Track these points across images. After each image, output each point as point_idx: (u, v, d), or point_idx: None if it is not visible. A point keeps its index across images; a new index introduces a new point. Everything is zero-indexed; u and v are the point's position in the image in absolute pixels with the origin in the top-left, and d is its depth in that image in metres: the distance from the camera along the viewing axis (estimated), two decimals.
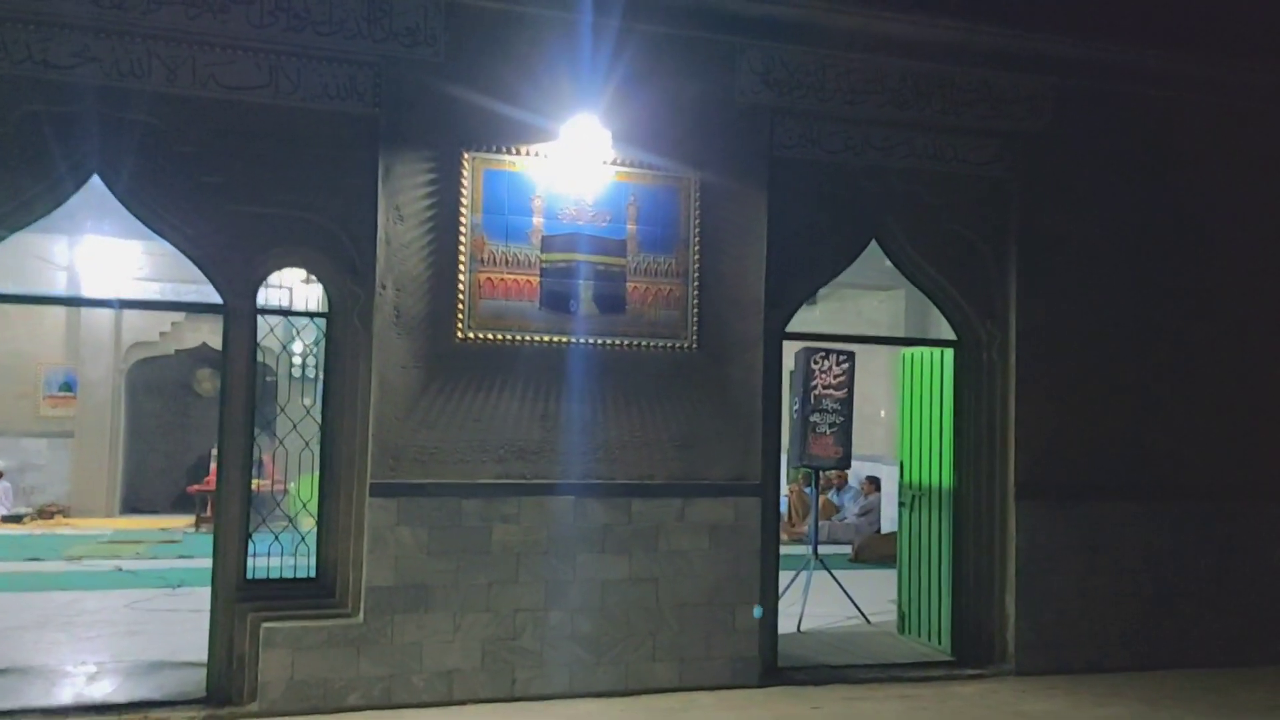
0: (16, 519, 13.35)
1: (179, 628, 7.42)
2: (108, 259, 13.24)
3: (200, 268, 5.84)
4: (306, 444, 6.16)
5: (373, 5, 5.86)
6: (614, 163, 6.32)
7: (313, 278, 6.29)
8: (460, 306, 6.01)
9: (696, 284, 6.48)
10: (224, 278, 5.84)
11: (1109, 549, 7.21)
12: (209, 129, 5.72)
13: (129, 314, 14.36)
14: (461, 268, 6.02)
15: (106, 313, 14.17)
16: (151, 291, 12.98)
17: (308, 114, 5.87)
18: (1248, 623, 7.49)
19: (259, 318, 5.98)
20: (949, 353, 7.39)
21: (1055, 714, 6.19)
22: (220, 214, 5.76)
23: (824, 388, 8.45)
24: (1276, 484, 7.62)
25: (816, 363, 8.43)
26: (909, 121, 6.95)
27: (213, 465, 10.70)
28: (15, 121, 5.45)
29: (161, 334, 14.83)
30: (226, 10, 5.64)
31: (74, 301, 13.87)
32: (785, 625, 7.19)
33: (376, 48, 5.89)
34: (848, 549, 11.73)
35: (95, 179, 5.61)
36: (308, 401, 6.61)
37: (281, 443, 6.24)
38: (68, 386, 14.57)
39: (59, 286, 13.42)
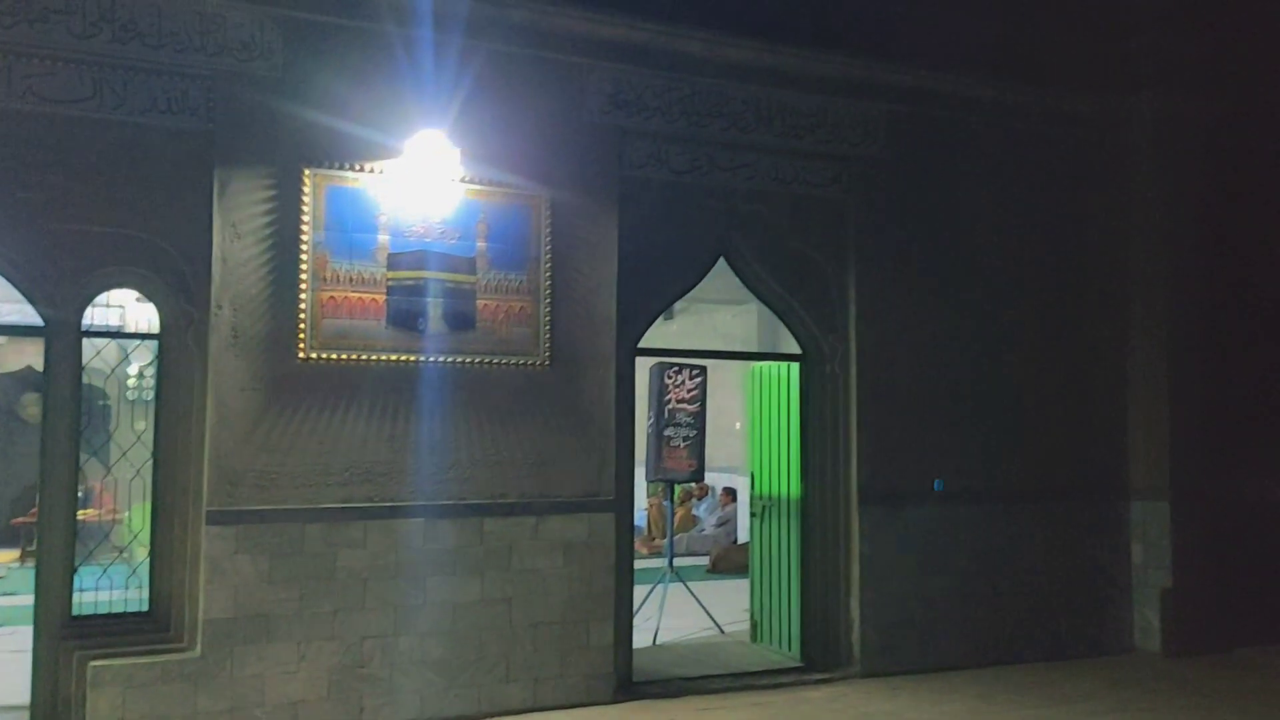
0: None
1: (0, 669, 6.94)
2: None
3: (18, 288, 5.54)
4: (138, 471, 5.88)
5: (205, 18, 5.69)
6: (463, 180, 6.29)
7: (144, 297, 6.02)
8: (302, 326, 5.86)
9: (548, 301, 6.51)
10: (44, 298, 5.54)
11: (945, 551, 7.58)
12: (28, 143, 5.43)
13: None
14: (303, 286, 5.88)
15: None
16: None
17: (136, 129, 5.64)
18: (1070, 617, 7.99)
19: (86, 340, 5.70)
20: (795, 366, 7.64)
21: (898, 713, 6.45)
22: (40, 232, 5.47)
23: (678, 402, 8.60)
24: (1093, 484, 8.17)
25: (670, 377, 8.57)
26: (752, 144, 7.18)
27: (37, 496, 10.09)
28: None
29: None
30: (46, 20, 5.39)
31: None
32: (641, 640, 7.26)
33: (210, 61, 5.71)
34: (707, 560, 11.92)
35: None
36: (140, 426, 6.31)
37: (110, 470, 5.94)
38: None
39: None
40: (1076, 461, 8.12)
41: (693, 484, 11.61)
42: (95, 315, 5.89)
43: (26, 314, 5.88)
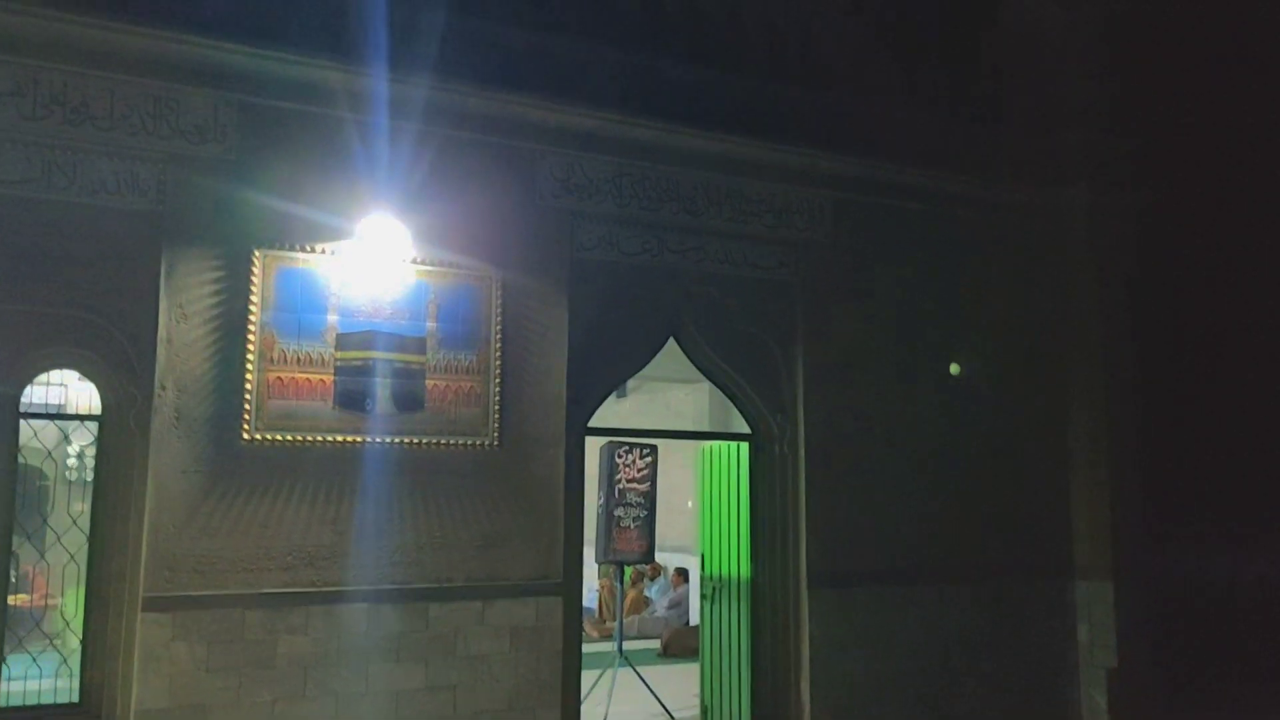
0: None
1: None
2: None
3: None
4: (72, 556, 5.73)
5: (159, 101, 5.73)
6: (414, 261, 6.34)
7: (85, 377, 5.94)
8: (247, 407, 5.81)
9: (498, 381, 6.52)
10: None
11: (896, 632, 7.58)
12: None
13: None
14: (250, 367, 5.85)
15: None
16: None
17: (85, 209, 5.63)
18: (1020, 697, 7.99)
19: (24, 421, 5.59)
20: (744, 446, 7.69)
21: None
22: None
23: (628, 481, 8.58)
24: (1039, 563, 8.25)
25: (620, 457, 8.56)
26: (703, 228, 7.33)
27: None
28: None
29: None
30: None
31: None
32: None
33: (162, 144, 5.74)
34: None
35: None
36: (78, 508, 6.16)
37: (44, 556, 5.78)
38: None
39: None
40: (1023, 540, 8.22)
41: (644, 565, 11.50)
42: (35, 394, 5.80)
43: None
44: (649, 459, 8.65)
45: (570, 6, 6.99)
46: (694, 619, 12.41)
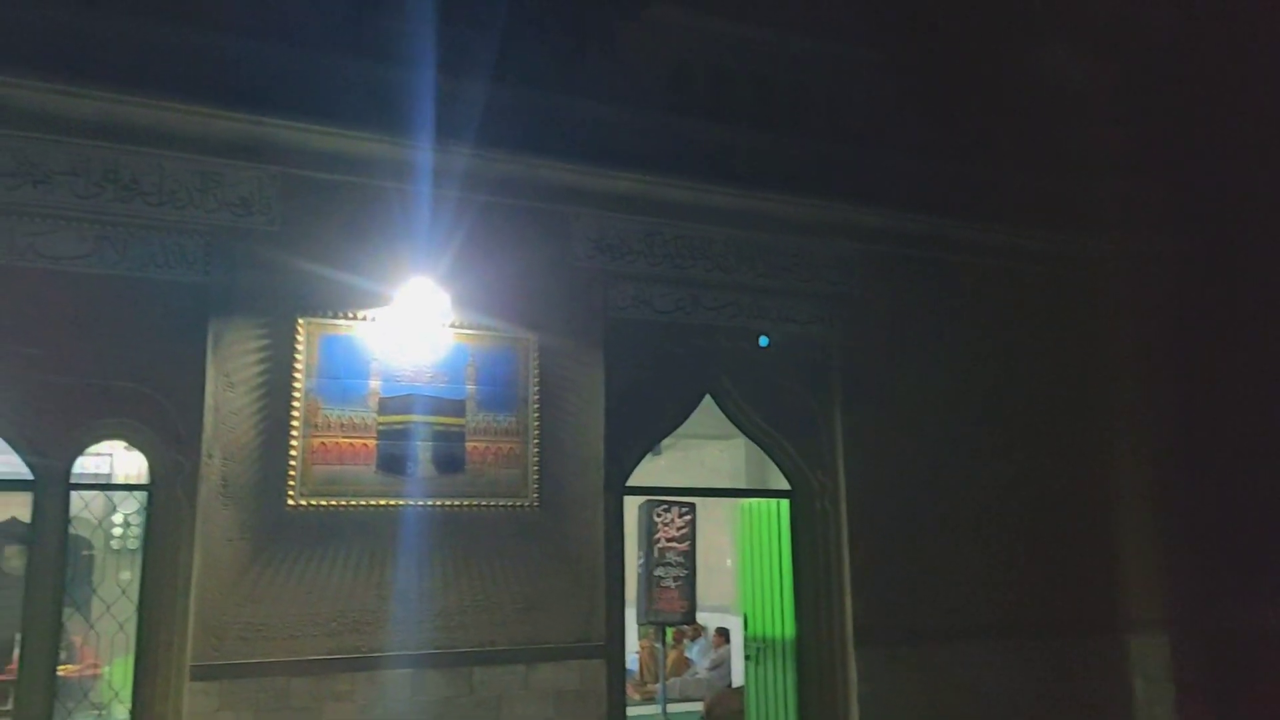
0: None
1: None
2: None
3: (8, 441, 5.56)
4: (121, 626, 5.77)
5: (205, 176, 5.90)
6: (453, 325, 6.42)
7: (133, 446, 6.04)
8: (292, 473, 5.87)
9: (536, 442, 6.54)
10: (34, 452, 5.55)
11: (945, 691, 7.41)
12: (27, 300, 5.55)
13: None
14: (294, 433, 5.92)
15: None
16: None
17: (134, 282, 5.77)
18: None
19: (74, 492, 5.68)
20: (784, 503, 7.64)
21: None
22: (33, 385, 5.53)
23: (667, 540, 8.53)
24: (1088, 616, 8.07)
25: (659, 515, 8.52)
26: (735, 284, 7.37)
27: (15, 652, 9.79)
28: None
29: None
30: (50, 181, 5.58)
31: None
32: None
33: (208, 217, 5.90)
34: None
35: None
36: (126, 576, 6.22)
37: (93, 626, 5.83)
38: None
39: None
40: (1073, 594, 8.05)
41: (685, 625, 11.34)
42: (84, 464, 5.90)
43: (13, 465, 5.87)
44: (688, 517, 8.60)
45: (599, 72, 7.14)
46: (736, 680, 12.20)
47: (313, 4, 6.20)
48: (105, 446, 8.97)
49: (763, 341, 7.21)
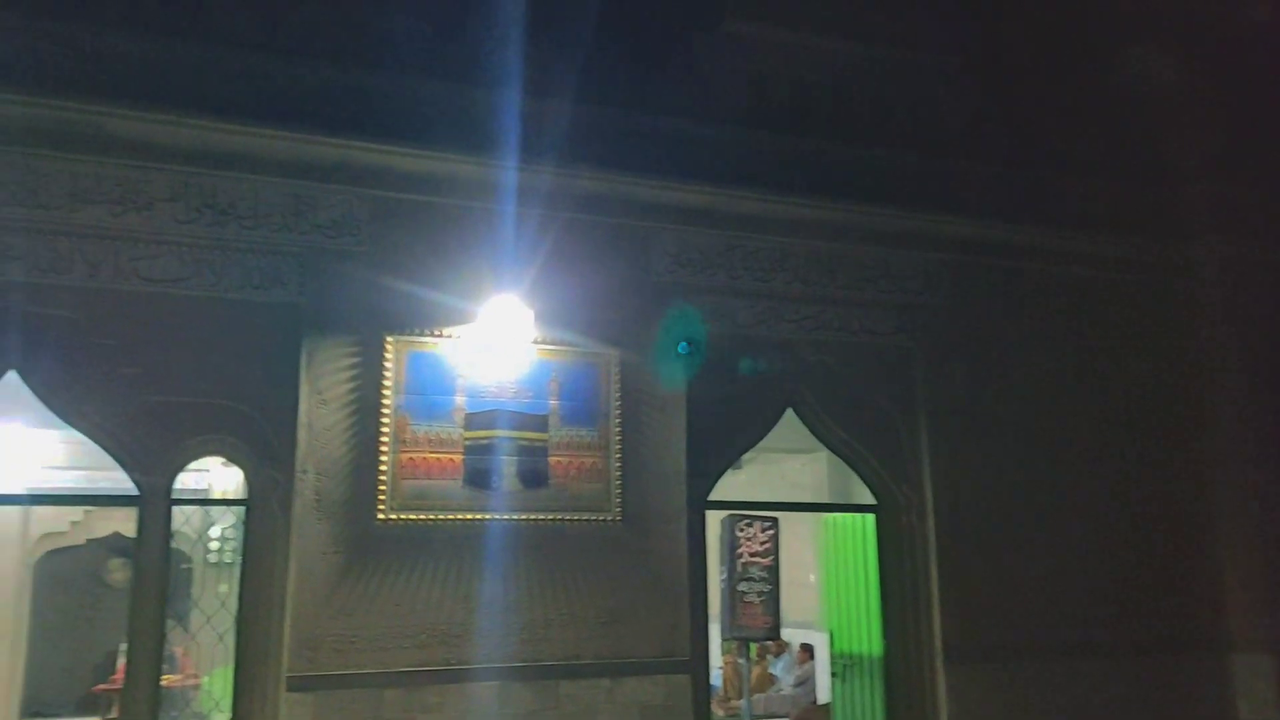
0: None
1: None
2: (18, 449, 12.82)
3: (115, 458, 5.78)
4: (220, 637, 5.95)
5: (298, 200, 6.09)
6: (535, 341, 6.49)
7: (230, 463, 6.24)
8: (382, 488, 6.00)
9: (619, 456, 6.57)
10: (139, 469, 5.77)
11: (1039, 711, 7.21)
12: (129, 321, 5.78)
13: None
14: (384, 449, 6.05)
15: None
16: (65, 480, 12.56)
17: (230, 304, 5.97)
18: None
19: (175, 507, 5.89)
20: (870, 517, 7.53)
21: None
22: (137, 405, 5.75)
23: (750, 555, 8.44)
24: (1194, 634, 7.77)
25: (741, 530, 8.42)
26: (816, 296, 7.32)
27: (120, 662, 10.16)
28: None
29: (73, 523, 14.20)
30: (151, 207, 5.81)
31: None
32: None
33: (301, 239, 6.08)
34: None
35: (11, 374, 5.58)
36: (223, 589, 6.41)
37: (195, 637, 6.02)
38: None
39: None
40: (1173, 611, 7.76)
41: (769, 641, 11.23)
42: (183, 480, 6.10)
43: (116, 480, 6.11)
44: (770, 532, 8.48)
45: (678, 88, 7.19)
46: (821, 697, 12.04)
47: (399, 30, 6.36)
48: (203, 462, 9.28)
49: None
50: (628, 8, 6.81)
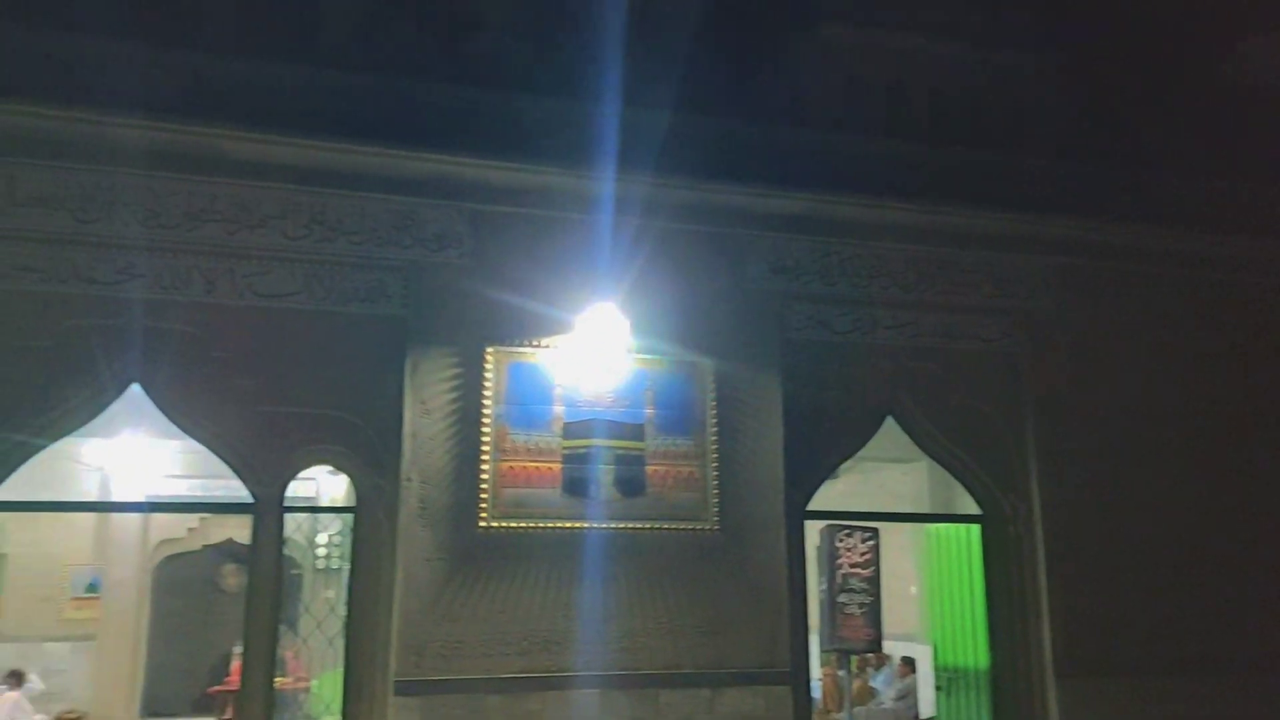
0: None
1: None
2: (139, 459, 13.40)
3: (232, 468, 6.00)
4: (330, 641, 6.11)
5: (402, 215, 6.24)
6: (632, 350, 6.52)
7: (338, 471, 6.41)
8: (483, 496, 6.09)
9: (715, 465, 6.55)
10: (254, 477, 5.98)
11: None
12: (244, 335, 5.99)
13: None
14: (485, 458, 6.14)
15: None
16: (181, 489, 13.09)
17: (337, 317, 6.15)
18: None
19: (286, 515, 6.08)
20: (974, 528, 7.34)
21: None
22: (252, 415, 5.96)
23: (850, 566, 8.32)
24: None
25: (841, 540, 8.31)
26: (916, 302, 7.18)
27: (233, 664, 10.51)
28: (59, 335, 5.74)
29: (189, 529, 14.79)
30: (265, 225, 6.03)
31: (104, 507, 13.94)
32: None
33: (404, 253, 6.23)
34: None
35: (135, 387, 5.83)
36: (330, 594, 6.59)
37: (305, 641, 6.19)
38: (92, 587, 14.45)
39: (90, 488, 13.54)
40: None
41: (869, 653, 11.03)
42: (294, 488, 6.29)
43: (232, 488, 6.33)
44: (871, 542, 8.35)
45: (772, 95, 7.16)
46: (924, 711, 11.77)
47: (498, 48, 6.49)
48: (309, 471, 9.54)
49: None
50: (723, 16, 6.80)
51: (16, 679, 10.98)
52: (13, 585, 14.35)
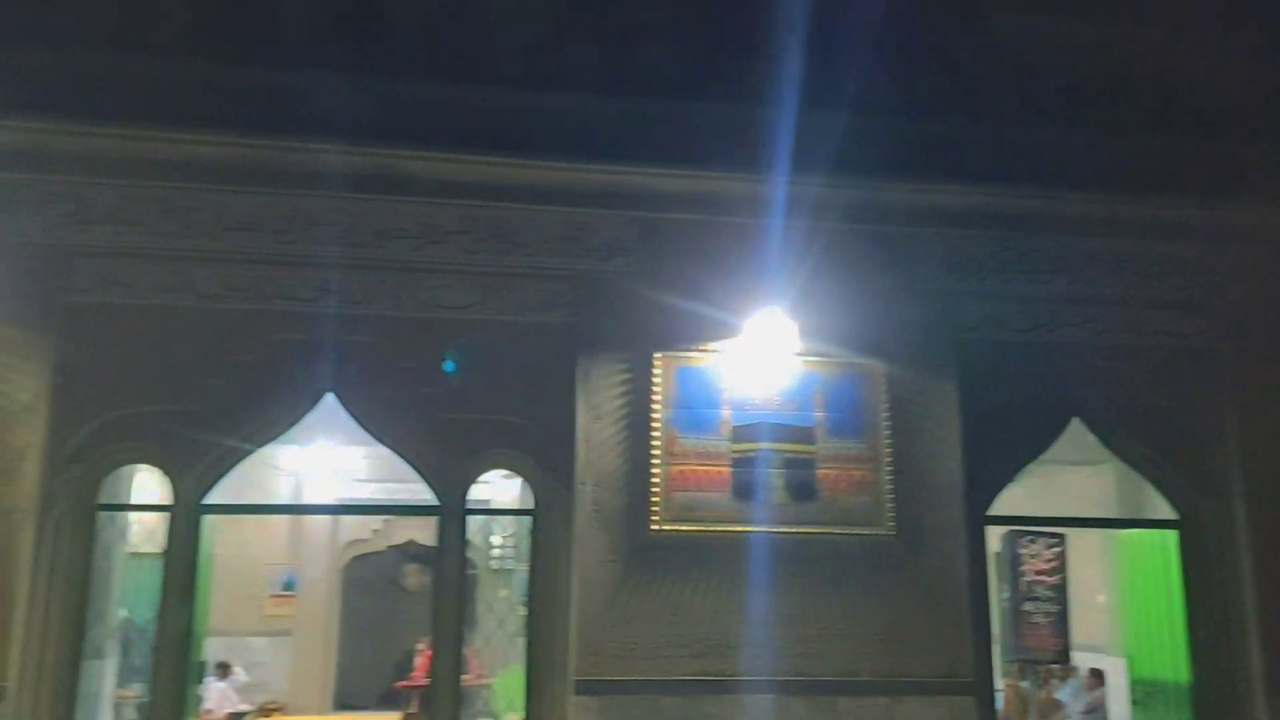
0: (239, 718, 13.94)
1: None
2: (330, 464, 14.17)
3: (419, 473, 6.29)
4: (512, 639, 6.32)
5: (574, 225, 6.40)
6: (800, 353, 6.47)
7: (513, 474, 6.63)
8: (655, 499, 6.17)
9: (889, 469, 6.42)
10: (439, 481, 6.25)
11: None
12: (427, 346, 6.27)
13: None
14: (655, 462, 6.22)
15: None
16: (368, 491, 13.81)
17: (512, 326, 6.35)
18: None
19: (468, 517, 6.34)
20: (1171, 534, 6.92)
21: None
22: (437, 423, 6.23)
23: (1035, 574, 7.98)
24: None
25: (1024, 547, 7.99)
26: (1099, 297, 6.84)
27: (417, 660, 11.02)
28: (263, 350, 6.15)
29: (374, 531, 15.57)
30: (446, 240, 6.30)
31: (300, 510, 14.80)
32: None
33: (575, 263, 6.39)
34: None
35: (329, 396, 6.21)
36: (503, 593, 6.81)
37: (489, 639, 6.43)
38: (289, 586, 15.38)
39: (285, 490, 14.43)
40: None
41: (1055, 664, 10.54)
42: (473, 491, 6.54)
43: (414, 491, 6.65)
44: (1057, 549, 8.00)
45: (940, 89, 6.95)
46: None
47: (663, 56, 6.56)
48: (486, 475, 9.88)
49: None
50: (890, 12, 6.67)
51: (224, 670, 11.84)
52: (220, 583, 15.35)
